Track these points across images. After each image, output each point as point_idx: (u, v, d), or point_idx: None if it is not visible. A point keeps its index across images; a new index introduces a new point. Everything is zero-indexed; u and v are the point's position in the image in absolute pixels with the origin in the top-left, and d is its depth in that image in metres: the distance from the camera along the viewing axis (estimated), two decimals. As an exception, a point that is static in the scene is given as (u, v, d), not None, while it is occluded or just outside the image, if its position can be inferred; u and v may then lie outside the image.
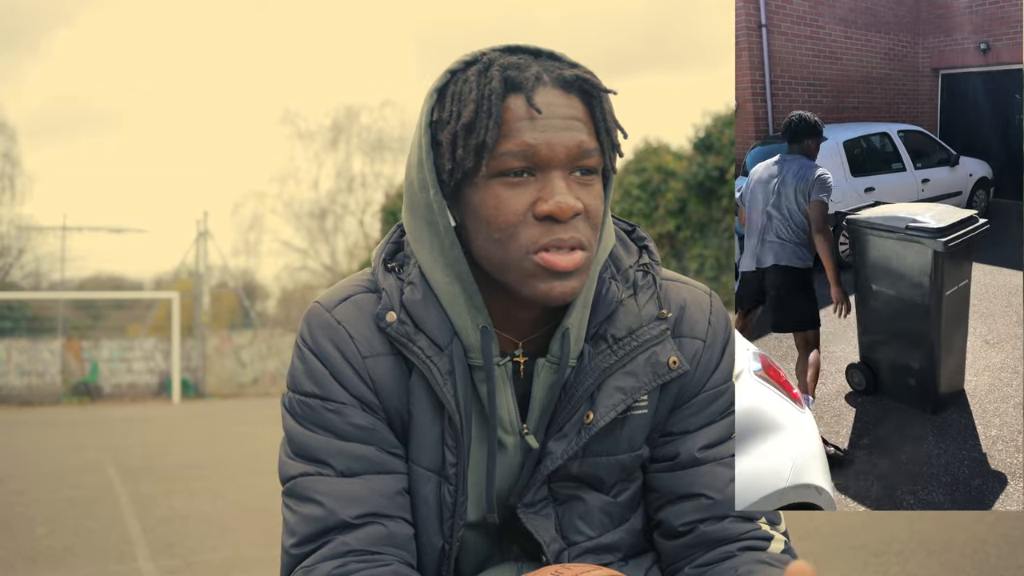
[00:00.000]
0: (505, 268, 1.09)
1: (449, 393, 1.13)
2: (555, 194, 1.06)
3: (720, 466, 1.20)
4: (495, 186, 1.07)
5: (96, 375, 19.60)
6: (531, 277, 1.08)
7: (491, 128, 1.05)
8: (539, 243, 1.06)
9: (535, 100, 1.06)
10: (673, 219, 17.13)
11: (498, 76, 1.07)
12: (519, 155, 1.06)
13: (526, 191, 1.07)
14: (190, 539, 5.37)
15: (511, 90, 1.07)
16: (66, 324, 20.68)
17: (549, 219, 1.06)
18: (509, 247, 1.07)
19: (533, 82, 1.07)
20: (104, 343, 19.93)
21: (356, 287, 1.21)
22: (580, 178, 1.08)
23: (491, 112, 1.05)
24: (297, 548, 1.13)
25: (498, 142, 1.06)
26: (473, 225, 1.10)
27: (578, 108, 1.09)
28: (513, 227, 1.07)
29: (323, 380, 1.16)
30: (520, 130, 1.06)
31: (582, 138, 1.07)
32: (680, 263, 17.07)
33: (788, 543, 1.19)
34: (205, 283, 21.56)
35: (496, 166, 1.06)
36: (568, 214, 1.06)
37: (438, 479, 1.17)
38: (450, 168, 1.09)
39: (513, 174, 1.07)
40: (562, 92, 1.08)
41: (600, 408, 1.15)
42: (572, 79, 1.09)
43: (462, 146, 1.07)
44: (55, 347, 19.34)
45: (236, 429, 12.46)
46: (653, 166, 17.63)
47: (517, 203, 1.07)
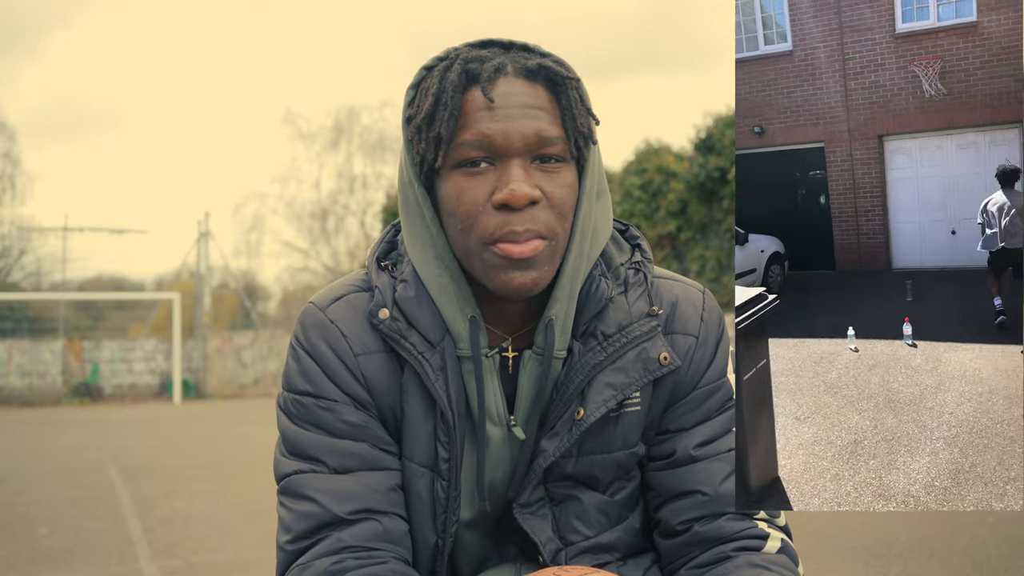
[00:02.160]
0: (470, 258, 1.11)
1: (441, 389, 1.14)
2: (510, 182, 1.06)
3: (716, 462, 1.20)
4: (456, 177, 1.09)
5: (97, 376, 19.61)
6: (492, 268, 1.09)
7: (447, 120, 1.07)
8: (495, 234, 1.07)
9: (491, 90, 1.07)
10: (674, 220, 17.13)
11: (459, 70, 1.09)
12: (475, 145, 1.07)
13: (485, 180, 1.08)
14: (191, 540, 5.37)
15: (471, 82, 1.09)
16: (67, 325, 20.68)
17: (505, 207, 1.07)
18: (470, 237, 1.09)
19: (491, 73, 1.08)
20: (105, 344, 19.94)
21: (350, 287, 1.23)
22: (542, 166, 1.09)
23: (447, 104, 1.07)
24: (292, 545, 1.13)
25: (457, 133, 1.07)
26: (444, 217, 1.12)
27: (542, 97, 1.09)
28: (473, 217, 1.08)
29: (316, 378, 1.17)
30: (478, 120, 1.07)
31: (541, 126, 1.08)
32: (681, 264, 17.06)
33: (786, 541, 1.19)
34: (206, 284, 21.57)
35: (455, 156, 1.08)
36: (522, 202, 1.06)
37: (431, 475, 1.17)
38: (419, 161, 1.12)
39: (471, 163, 1.08)
40: (525, 81, 1.09)
41: (590, 404, 1.15)
42: (535, 68, 1.09)
43: (424, 139, 1.09)
44: (56, 348, 19.35)
45: (237, 430, 12.47)
46: (654, 167, 17.63)
47: (476, 193, 1.08)
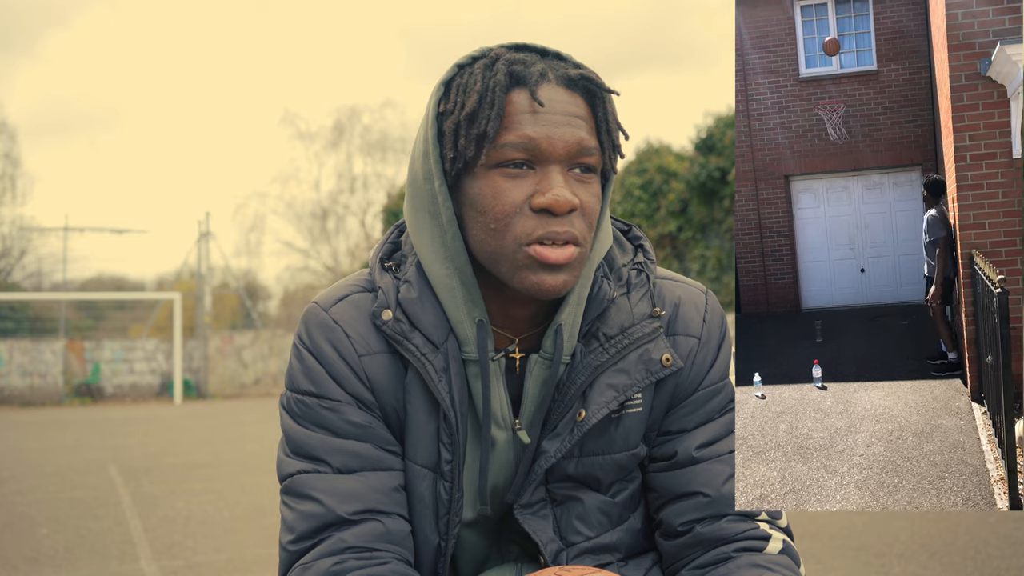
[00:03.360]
0: (498, 258, 1.10)
1: (444, 390, 1.14)
2: (552, 187, 1.07)
3: (718, 463, 1.20)
4: (495, 176, 1.08)
5: (98, 376, 19.60)
6: (523, 268, 1.09)
7: (493, 118, 1.07)
8: (533, 235, 1.07)
9: (538, 94, 1.08)
10: (675, 220, 17.13)
11: (503, 70, 1.08)
12: (519, 147, 1.07)
13: (524, 183, 1.08)
14: (192, 539, 5.37)
15: (515, 84, 1.09)
16: (68, 325, 20.68)
17: (545, 212, 1.07)
18: (504, 237, 1.08)
19: (537, 77, 1.08)
20: (106, 344, 19.93)
21: (353, 286, 1.22)
22: (579, 175, 1.10)
23: (494, 103, 1.07)
24: (295, 545, 1.13)
25: (499, 133, 1.07)
26: (471, 215, 1.11)
27: (581, 106, 1.10)
28: (509, 217, 1.08)
29: (319, 378, 1.17)
30: (522, 123, 1.07)
31: (582, 135, 1.09)
32: (682, 264, 17.06)
33: (788, 542, 1.18)
34: (207, 284, 21.57)
35: (496, 156, 1.08)
36: (564, 208, 1.07)
37: (434, 476, 1.18)
38: (452, 157, 1.11)
39: (513, 165, 1.08)
40: (565, 90, 1.10)
41: (592, 406, 1.15)
42: (576, 78, 1.10)
43: (464, 135, 1.09)
44: (57, 348, 19.35)
45: (238, 430, 12.46)
46: (655, 167, 17.63)
47: (515, 194, 1.08)
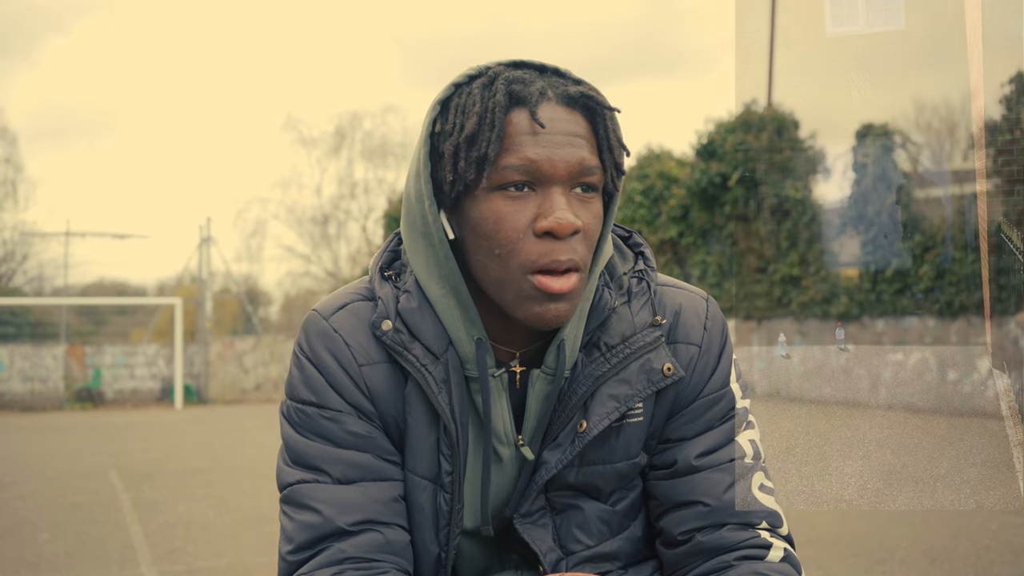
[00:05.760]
0: (502, 286, 1.09)
1: (444, 402, 1.14)
2: (555, 210, 1.05)
3: (718, 472, 1.19)
4: (496, 200, 1.07)
5: (99, 381, 19.59)
6: (527, 299, 1.08)
7: (493, 141, 1.05)
8: (537, 263, 1.06)
9: (539, 115, 1.06)
10: (676, 225, 17.11)
11: (503, 89, 1.07)
12: (520, 169, 1.06)
13: (526, 206, 1.07)
14: (193, 545, 5.37)
15: (515, 104, 1.07)
16: (69, 330, 20.68)
17: (548, 235, 1.06)
18: (509, 264, 1.07)
19: (537, 97, 1.07)
20: (107, 349, 19.92)
21: (353, 295, 1.22)
22: (580, 195, 1.09)
23: (494, 125, 1.05)
24: (294, 555, 1.13)
25: (500, 155, 1.06)
26: (473, 240, 1.10)
27: (581, 125, 1.09)
28: (513, 243, 1.06)
29: (319, 388, 1.16)
30: (523, 144, 1.06)
31: (584, 155, 1.07)
32: (683, 270, 17.05)
33: (789, 550, 1.18)
34: (208, 289, 21.57)
35: (497, 179, 1.06)
36: (567, 231, 1.06)
37: (434, 487, 1.17)
38: (451, 180, 1.09)
39: (514, 188, 1.07)
40: (565, 108, 1.08)
41: (593, 416, 1.15)
42: (576, 96, 1.09)
43: (464, 158, 1.07)
44: (58, 353, 19.34)
45: (239, 435, 12.45)
46: (656, 172, 17.62)
47: (518, 219, 1.06)
